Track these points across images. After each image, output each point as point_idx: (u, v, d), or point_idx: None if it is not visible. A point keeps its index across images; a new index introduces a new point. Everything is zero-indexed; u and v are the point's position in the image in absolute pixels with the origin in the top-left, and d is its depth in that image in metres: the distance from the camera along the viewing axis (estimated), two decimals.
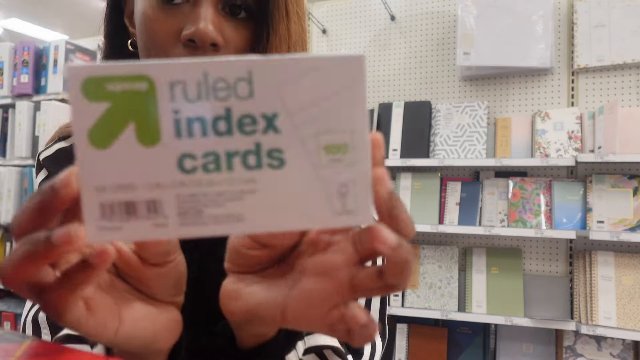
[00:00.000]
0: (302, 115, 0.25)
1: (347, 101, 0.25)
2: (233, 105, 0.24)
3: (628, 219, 1.93)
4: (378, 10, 2.50)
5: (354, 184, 0.25)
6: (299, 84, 0.24)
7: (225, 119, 0.24)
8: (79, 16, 6.33)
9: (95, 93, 0.23)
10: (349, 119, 0.25)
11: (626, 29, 2.03)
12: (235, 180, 0.25)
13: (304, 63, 0.24)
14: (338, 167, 0.25)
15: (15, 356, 0.38)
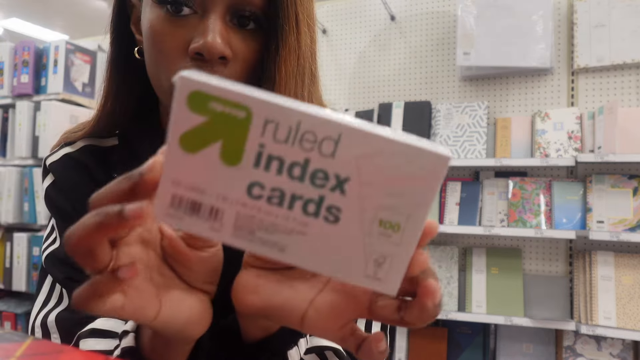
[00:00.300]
0: (372, 187, 0.26)
1: (419, 190, 0.26)
2: (313, 158, 0.26)
3: (628, 219, 1.93)
4: (378, 10, 2.50)
5: (392, 259, 0.28)
6: (380, 160, 0.26)
7: (302, 167, 0.26)
8: (79, 16, 6.33)
9: (197, 106, 0.26)
10: (413, 205, 0.26)
11: (626, 29, 2.03)
12: (290, 219, 0.27)
13: (393, 145, 0.26)
14: (384, 240, 0.27)
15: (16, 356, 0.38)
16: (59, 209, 0.58)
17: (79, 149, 0.60)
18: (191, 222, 0.28)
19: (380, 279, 0.28)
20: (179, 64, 0.49)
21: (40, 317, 0.54)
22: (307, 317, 0.33)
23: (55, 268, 0.55)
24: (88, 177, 0.58)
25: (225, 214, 0.28)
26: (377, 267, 0.28)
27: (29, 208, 2.58)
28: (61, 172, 0.59)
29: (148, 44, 0.51)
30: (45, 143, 2.50)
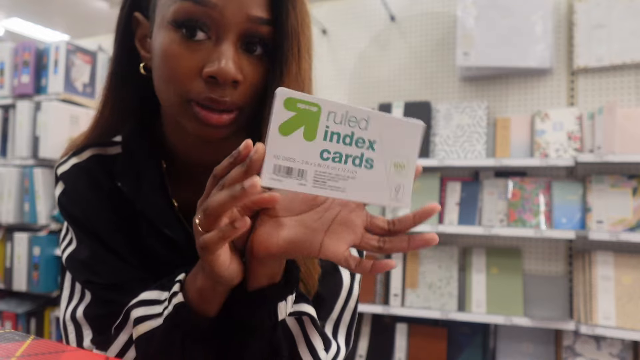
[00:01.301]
0: (389, 145, 0.46)
1: (410, 144, 0.46)
2: (356, 131, 0.45)
3: (627, 218, 1.93)
4: (378, 10, 2.50)
5: (404, 186, 0.48)
6: (391, 130, 0.45)
7: (350, 137, 0.45)
8: (80, 16, 6.33)
9: (289, 106, 0.42)
10: (409, 153, 0.47)
11: (626, 29, 2.03)
12: (346, 170, 0.45)
13: (396, 121, 0.45)
14: (398, 175, 0.47)
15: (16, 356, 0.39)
16: (70, 216, 0.64)
17: (87, 158, 0.65)
18: (286, 182, 0.43)
19: (399, 200, 0.48)
20: (192, 84, 0.54)
21: (69, 312, 0.61)
22: (323, 245, 0.47)
23: (76, 270, 0.62)
24: (95, 185, 0.64)
25: (307, 173, 0.43)
26: (397, 192, 0.47)
27: (29, 208, 2.59)
28: (71, 181, 0.64)
29: (161, 63, 0.55)
30: (45, 143, 2.50)
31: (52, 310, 2.63)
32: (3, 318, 2.66)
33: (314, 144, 0.43)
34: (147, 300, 0.54)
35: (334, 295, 0.62)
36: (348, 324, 0.64)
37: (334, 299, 0.62)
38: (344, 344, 0.63)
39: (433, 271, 2.21)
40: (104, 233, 0.62)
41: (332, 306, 0.62)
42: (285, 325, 0.53)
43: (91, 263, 0.61)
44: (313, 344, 0.56)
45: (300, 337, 0.55)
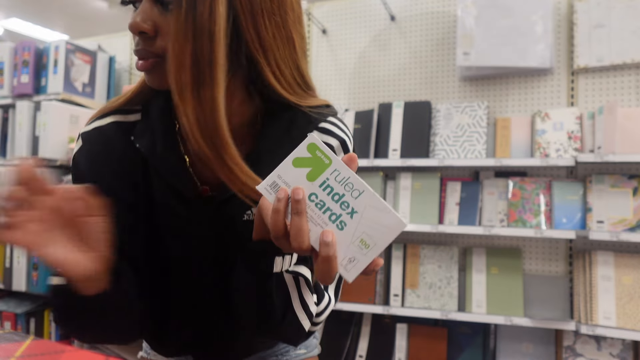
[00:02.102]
0: (366, 221, 0.51)
1: (385, 233, 0.51)
2: (347, 195, 0.51)
3: (628, 218, 1.93)
4: (378, 10, 2.50)
5: (358, 262, 0.51)
6: (375, 211, 0.51)
7: (340, 197, 0.51)
8: (79, 16, 6.33)
9: (310, 149, 0.52)
10: (379, 239, 0.51)
11: (626, 29, 2.03)
12: (321, 219, 0.52)
13: (383, 207, 0.51)
14: (359, 250, 0.51)
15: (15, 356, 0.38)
16: (75, 169, 0.70)
17: (108, 124, 0.71)
18: (272, 198, 0.52)
19: (347, 270, 0.52)
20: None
21: None
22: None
23: None
24: (109, 148, 0.70)
25: None
26: (349, 262, 0.51)
27: None
28: (89, 142, 0.71)
29: None
30: (45, 143, 2.50)
31: (51, 310, 2.63)
32: (2, 318, 2.65)
33: (310, 185, 0.52)
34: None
35: None
36: (337, 279, 0.75)
37: None
38: (334, 296, 0.73)
39: (433, 271, 2.21)
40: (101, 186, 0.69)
41: None
42: (282, 278, 0.61)
43: None
44: (305, 300, 0.65)
45: (294, 293, 0.63)
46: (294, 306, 0.64)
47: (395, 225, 0.50)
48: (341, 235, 0.51)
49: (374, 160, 2.23)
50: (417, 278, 2.22)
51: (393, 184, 2.32)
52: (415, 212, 2.22)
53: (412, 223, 2.19)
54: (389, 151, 2.28)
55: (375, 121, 2.33)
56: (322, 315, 0.70)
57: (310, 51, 2.65)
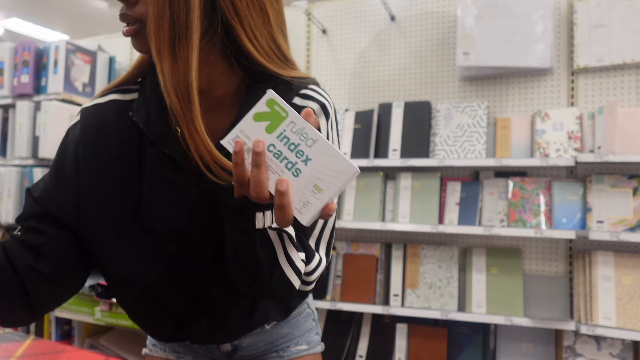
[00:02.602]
0: (320, 167, 0.55)
1: (337, 178, 0.54)
2: (302, 145, 0.56)
3: (628, 218, 1.93)
4: (378, 10, 2.50)
5: (311, 205, 0.55)
6: (329, 158, 0.55)
7: (295, 146, 0.56)
8: (79, 16, 6.33)
9: (269, 104, 0.57)
10: (331, 184, 0.54)
11: (626, 29, 2.03)
12: (278, 167, 0.56)
13: (336, 154, 0.54)
14: (312, 194, 0.55)
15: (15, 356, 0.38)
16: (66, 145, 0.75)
17: (107, 101, 0.76)
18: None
19: (302, 213, 0.55)
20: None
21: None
22: None
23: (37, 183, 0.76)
24: (103, 121, 0.75)
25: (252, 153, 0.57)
26: (303, 206, 0.55)
27: None
28: (85, 116, 0.76)
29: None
30: (45, 143, 2.50)
31: (51, 310, 2.63)
32: None
33: (269, 136, 0.56)
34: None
35: None
36: (327, 240, 0.77)
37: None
38: (325, 256, 0.76)
39: (433, 271, 2.21)
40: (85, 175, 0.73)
41: (314, 225, 0.75)
42: (266, 234, 0.64)
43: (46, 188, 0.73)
44: (291, 256, 0.67)
45: (279, 248, 0.66)
46: (280, 262, 0.66)
47: (347, 170, 0.54)
48: (296, 182, 0.55)
49: (374, 160, 2.23)
50: (417, 278, 2.22)
51: (393, 184, 2.32)
52: (415, 212, 2.22)
53: (412, 223, 2.20)
54: (389, 151, 2.28)
55: (375, 121, 2.33)
56: (314, 274, 0.72)
57: (310, 51, 2.65)
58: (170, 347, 0.89)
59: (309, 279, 0.72)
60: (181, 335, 0.80)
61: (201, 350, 0.87)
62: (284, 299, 0.71)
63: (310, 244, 0.74)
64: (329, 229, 0.76)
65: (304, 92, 0.74)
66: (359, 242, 2.40)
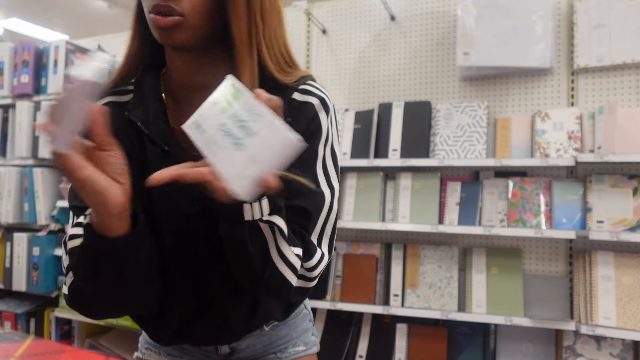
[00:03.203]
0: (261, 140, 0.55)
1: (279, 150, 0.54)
2: (249, 121, 0.55)
3: (628, 219, 1.93)
4: (378, 10, 2.50)
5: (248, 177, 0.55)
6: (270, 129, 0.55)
7: (243, 122, 0.56)
8: (79, 16, 6.33)
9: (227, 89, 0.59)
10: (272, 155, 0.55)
11: (626, 29, 2.03)
12: (225, 143, 0.56)
13: (279, 126, 0.54)
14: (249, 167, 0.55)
15: (15, 356, 0.38)
16: None
17: (105, 103, 0.77)
18: (192, 133, 0.58)
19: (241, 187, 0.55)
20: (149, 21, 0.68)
21: (64, 240, 0.73)
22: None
23: (69, 197, 0.76)
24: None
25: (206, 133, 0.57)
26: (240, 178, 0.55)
27: (29, 208, 2.58)
28: None
29: None
30: (45, 143, 2.50)
31: (51, 310, 2.63)
32: (2, 318, 2.65)
33: (223, 116, 0.57)
34: (80, 222, 0.70)
35: (318, 209, 0.74)
36: (330, 235, 0.76)
37: (317, 213, 0.73)
38: (327, 252, 0.75)
39: (433, 271, 2.21)
40: None
41: (316, 220, 0.73)
42: (258, 228, 0.63)
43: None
44: (282, 250, 0.66)
45: (272, 243, 0.65)
46: (272, 257, 0.66)
47: (288, 143, 0.54)
48: (239, 155, 0.55)
49: (374, 160, 2.23)
50: (417, 278, 2.22)
51: (393, 184, 2.32)
52: (415, 212, 2.22)
53: (412, 223, 2.19)
54: (389, 151, 2.28)
55: (375, 121, 2.33)
56: (316, 269, 0.72)
57: (310, 51, 2.65)
58: (165, 351, 0.88)
59: (311, 274, 0.72)
60: (183, 337, 0.79)
61: (198, 354, 0.86)
62: (281, 295, 0.71)
63: (312, 240, 0.73)
64: (331, 224, 0.76)
65: (303, 88, 0.75)
66: (359, 242, 2.40)
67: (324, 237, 0.75)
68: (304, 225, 0.71)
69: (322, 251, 0.74)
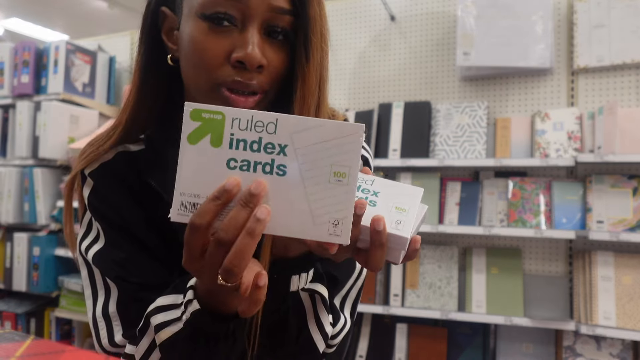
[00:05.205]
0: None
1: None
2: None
3: (627, 219, 1.93)
4: (378, 10, 2.50)
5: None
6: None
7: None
8: (79, 16, 6.33)
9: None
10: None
11: (626, 29, 2.03)
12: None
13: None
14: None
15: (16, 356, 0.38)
16: (101, 215, 0.66)
17: (114, 157, 0.68)
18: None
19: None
20: (221, 69, 0.58)
21: (100, 308, 0.64)
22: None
23: (106, 268, 0.64)
24: (124, 182, 0.67)
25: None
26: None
27: (29, 208, 2.59)
28: (100, 180, 0.67)
29: (190, 51, 0.59)
30: (45, 143, 2.50)
31: (51, 310, 2.63)
32: (3, 318, 2.65)
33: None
34: (165, 306, 0.57)
35: (347, 276, 0.68)
36: (354, 299, 0.71)
37: (346, 279, 0.68)
38: (349, 317, 0.69)
39: (433, 271, 2.21)
40: (137, 230, 0.65)
41: (343, 285, 0.68)
42: (298, 298, 0.59)
43: (125, 263, 0.64)
44: (321, 319, 0.62)
45: (310, 312, 0.61)
46: (309, 327, 0.61)
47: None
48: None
49: (374, 161, 2.23)
50: (417, 278, 2.22)
51: None
52: None
53: None
54: (389, 151, 2.28)
55: (375, 121, 2.33)
56: (337, 337, 0.66)
57: None
58: None
59: (332, 342, 0.66)
60: None
61: None
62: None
63: (335, 303, 0.67)
64: (357, 288, 0.70)
65: None
66: None
67: (347, 301, 0.70)
68: (329, 288, 0.65)
69: (345, 316, 0.68)
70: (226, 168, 0.42)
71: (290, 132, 0.42)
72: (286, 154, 0.42)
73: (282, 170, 0.42)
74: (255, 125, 0.42)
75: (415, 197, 0.50)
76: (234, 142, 0.43)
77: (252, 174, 0.42)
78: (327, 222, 0.42)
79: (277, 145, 0.42)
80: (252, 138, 0.42)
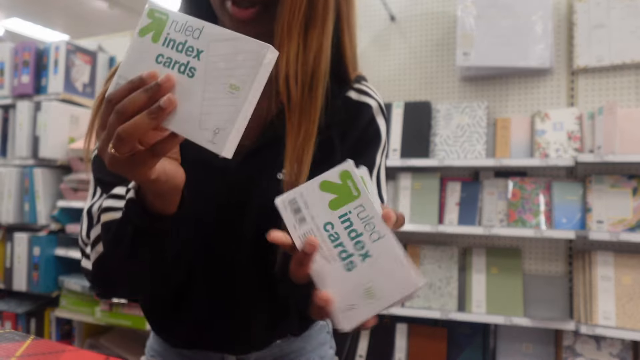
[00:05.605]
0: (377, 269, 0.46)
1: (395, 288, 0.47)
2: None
3: (627, 219, 1.93)
4: (378, 10, 2.50)
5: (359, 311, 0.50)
6: (390, 259, 0.46)
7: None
8: (79, 16, 6.33)
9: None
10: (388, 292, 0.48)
11: (626, 29, 2.03)
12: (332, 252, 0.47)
13: (401, 259, 0.46)
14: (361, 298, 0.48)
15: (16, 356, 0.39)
16: None
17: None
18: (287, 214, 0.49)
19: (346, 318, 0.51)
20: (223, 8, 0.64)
21: (86, 207, 0.69)
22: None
23: (94, 168, 0.71)
24: None
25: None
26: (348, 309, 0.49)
27: (29, 208, 2.59)
28: None
29: None
30: (45, 143, 2.50)
31: (52, 310, 2.63)
32: (3, 318, 2.66)
33: (330, 213, 0.47)
34: (117, 194, 0.62)
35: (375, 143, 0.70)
36: (384, 181, 0.73)
37: (375, 147, 0.70)
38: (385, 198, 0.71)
39: (433, 271, 2.21)
40: None
41: (374, 156, 0.70)
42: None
43: (101, 163, 0.68)
44: None
45: None
46: None
47: (407, 283, 0.45)
48: (347, 277, 0.46)
49: None
50: None
51: (393, 184, 2.32)
52: (415, 212, 2.22)
53: (412, 223, 2.20)
54: (389, 151, 2.28)
55: None
56: None
57: None
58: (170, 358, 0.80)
59: None
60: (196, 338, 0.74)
61: None
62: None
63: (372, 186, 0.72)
64: (384, 166, 0.74)
65: (359, 87, 0.72)
66: None
67: (382, 183, 0.74)
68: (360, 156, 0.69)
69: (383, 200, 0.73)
70: (154, 62, 0.47)
71: (209, 40, 0.45)
72: (200, 58, 0.46)
73: (192, 72, 0.46)
74: (186, 29, 0.47)
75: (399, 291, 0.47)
76: (167, 40, 0.47)
77: (169, 70, 0.46)
78: (210, 129, 0.44)
79: (196, 49, 0.46)
80: (180, 39, 0.47)
